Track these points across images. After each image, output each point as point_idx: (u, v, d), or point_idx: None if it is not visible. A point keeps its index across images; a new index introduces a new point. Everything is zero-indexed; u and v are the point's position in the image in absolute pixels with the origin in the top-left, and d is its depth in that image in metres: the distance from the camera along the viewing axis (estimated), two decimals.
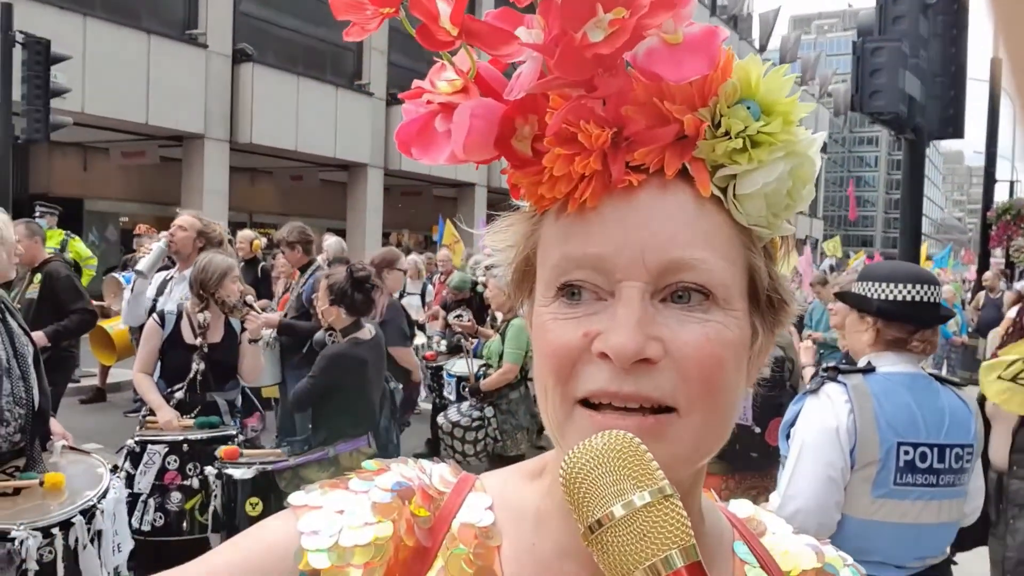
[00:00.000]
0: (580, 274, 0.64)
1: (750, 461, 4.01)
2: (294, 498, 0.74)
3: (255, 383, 4.61)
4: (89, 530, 2.92)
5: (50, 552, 2.76)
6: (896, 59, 6.09)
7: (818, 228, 50.29)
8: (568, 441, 0.65)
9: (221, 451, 4.07)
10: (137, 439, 4.15)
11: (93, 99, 14.31)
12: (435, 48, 0.64)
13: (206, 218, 5.85)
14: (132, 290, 5.74)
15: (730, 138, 0.64)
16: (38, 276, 6.10)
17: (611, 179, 0.63)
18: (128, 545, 3.23)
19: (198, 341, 4.44)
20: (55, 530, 2.79)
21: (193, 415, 4.36)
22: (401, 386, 5.19)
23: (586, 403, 0.65)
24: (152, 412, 4.38)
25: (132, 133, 17.39)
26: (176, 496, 4.03)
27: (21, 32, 10.16)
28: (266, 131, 17.98)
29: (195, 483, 4.06)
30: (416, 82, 0.69)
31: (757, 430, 4.05)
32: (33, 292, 6.03)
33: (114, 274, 9.24)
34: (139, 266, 5.75)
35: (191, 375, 4.40)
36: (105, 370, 9.98)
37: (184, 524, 4.04)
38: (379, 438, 4.46)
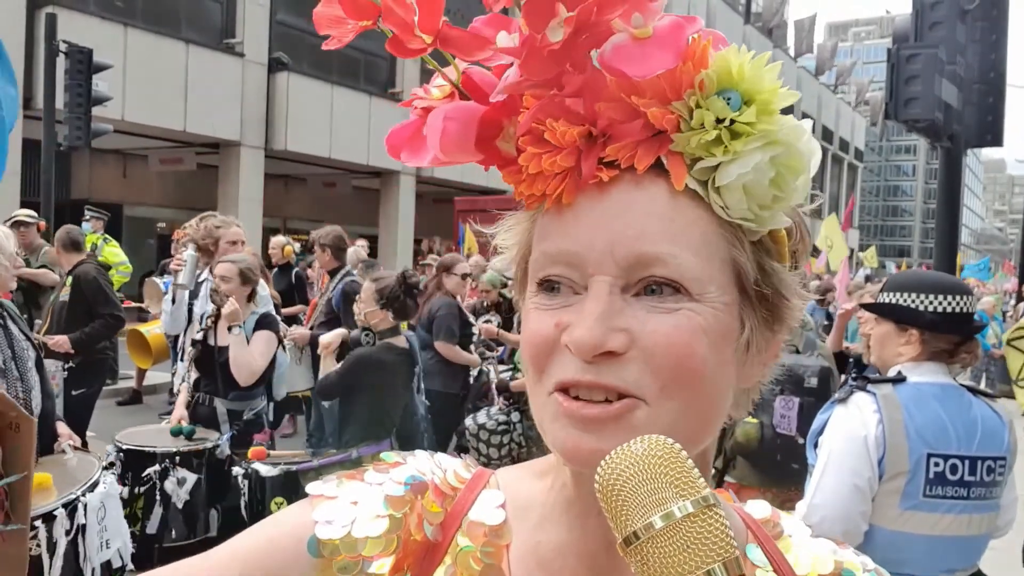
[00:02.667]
0: (556, 269, 0.65)
1: (791, 472, 3.94)
2: (312, 487, 0.76)
3: (246, 382, 4.43)
4: (72, 524, 2.93)
5: (37, 546, 2.78)
6: (932, 66, 6.00)
7: (854, 238, 49.60)
8: (547, 428, 0.67)
9: (249, 452, 4.12)
10: (115, 439, 4.13)
11: (133, 107, 14.61)
12: (404, 56, 0.66)
13: (218, 219, 5.94)
14: (173, 300, 5.83)
15: (704, 130, 0.62)
16: (70, 279, 6.22)
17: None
18: (118, 542, 3.20)
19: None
20: (38, 523, 2.80)
21: (171, 420, 4.40)
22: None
23: (562, 391, 0.65)
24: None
25: (170, 140, 17.72)
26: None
27: (64, 41, 10.42)
28: (301, 138, 18.21)
29: (125, 493, 3.89)
30: (414, 90, 0.71)
31: (800, 441, 3.98)
32: (66, 295, 6.14)
33: (154, 278, 9.35)
34: (179, 280, 5.82)
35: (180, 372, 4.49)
36: (142, 373, 10.15)
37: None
38: (405, 444, 4.48)
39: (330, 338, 4.60)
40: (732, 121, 0.62)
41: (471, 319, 6.84)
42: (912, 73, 5.99)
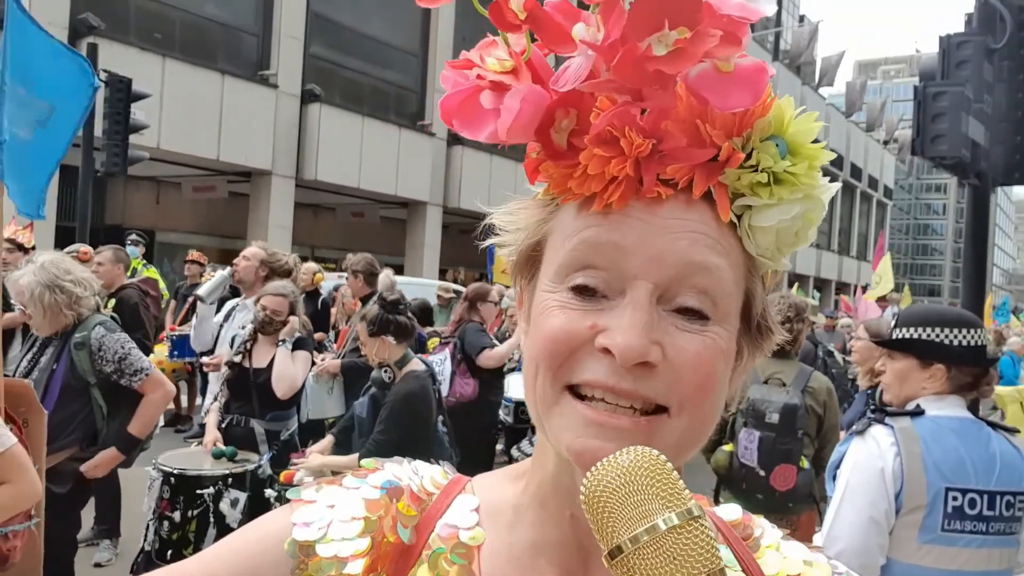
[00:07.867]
0: (597, 260, 0.66)
1: (756, 502, 3.96)
2: (292, 493, 0.79)
3: (284, 394, 4.55)
4: None
5: None
6: (959, 104, 6.02)
7: None
8: (552, 425, 0.68)
9: (282, 475, 4.17)
10: (153, 463, 4.19)
11: (168, 135, 14.93)
12: (504, 28, 0.66)
13: (273, 249, 6.05)
14: (196, 315, 5.95)
15: (756, 171, 0.66)
16: (111, 301, 6.33)
17: (641, 186, 0.65)
18: None
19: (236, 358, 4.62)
20: None
21: (205, 443, 4.47)
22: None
23: (575, 392, 0.66)
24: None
25: (203, 168, 18.06)
26: (166, 525, 4.00)
27: (105, 71, 10.70)
28: (331, 168, 18.48)
29: (176, 517, 3.98)
30: (464, 53, 0.70)
31: (762, 473, 4.05)
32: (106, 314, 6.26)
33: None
34: (200, 291, 5.95)
35: (217, 394, 4.56)
36: None
37: (168, 554, 3.97)
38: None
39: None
40: (782, 169, 0.66)
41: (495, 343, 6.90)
42: (939, 111, 6.01)
